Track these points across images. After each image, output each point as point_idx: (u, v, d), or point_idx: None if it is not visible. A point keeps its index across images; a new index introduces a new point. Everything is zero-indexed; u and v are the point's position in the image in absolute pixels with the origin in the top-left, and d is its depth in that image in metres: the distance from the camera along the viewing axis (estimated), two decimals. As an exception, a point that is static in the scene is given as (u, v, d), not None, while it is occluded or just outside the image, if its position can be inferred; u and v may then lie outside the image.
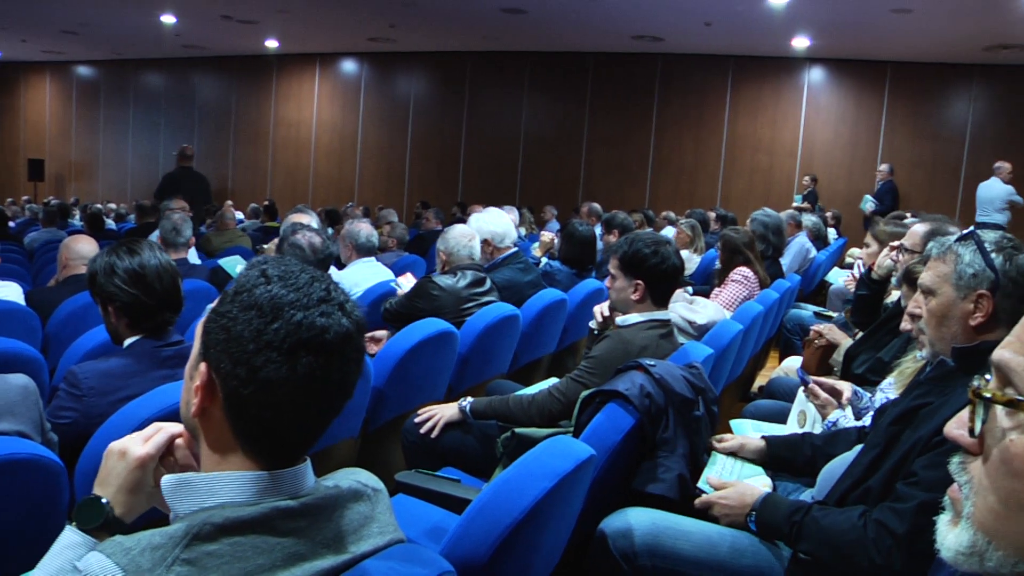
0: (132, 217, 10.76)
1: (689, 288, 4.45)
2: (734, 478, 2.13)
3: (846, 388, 2.59)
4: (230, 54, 15.84)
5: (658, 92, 13.15)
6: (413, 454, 2.73)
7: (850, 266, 7.01)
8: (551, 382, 2.83)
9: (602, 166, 13.55)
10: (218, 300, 1.05)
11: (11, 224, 9.36)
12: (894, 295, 3.41)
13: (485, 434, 2.67)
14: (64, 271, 3.85)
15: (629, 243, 2.70)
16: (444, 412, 2.71)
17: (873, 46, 11.06)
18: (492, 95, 14.31)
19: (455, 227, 3.92)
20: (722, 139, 12.84)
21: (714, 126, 12.87)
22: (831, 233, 9.56)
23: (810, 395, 2.57)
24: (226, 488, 1.00)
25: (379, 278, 4.35)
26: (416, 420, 2.72)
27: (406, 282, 4.16)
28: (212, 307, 1.05)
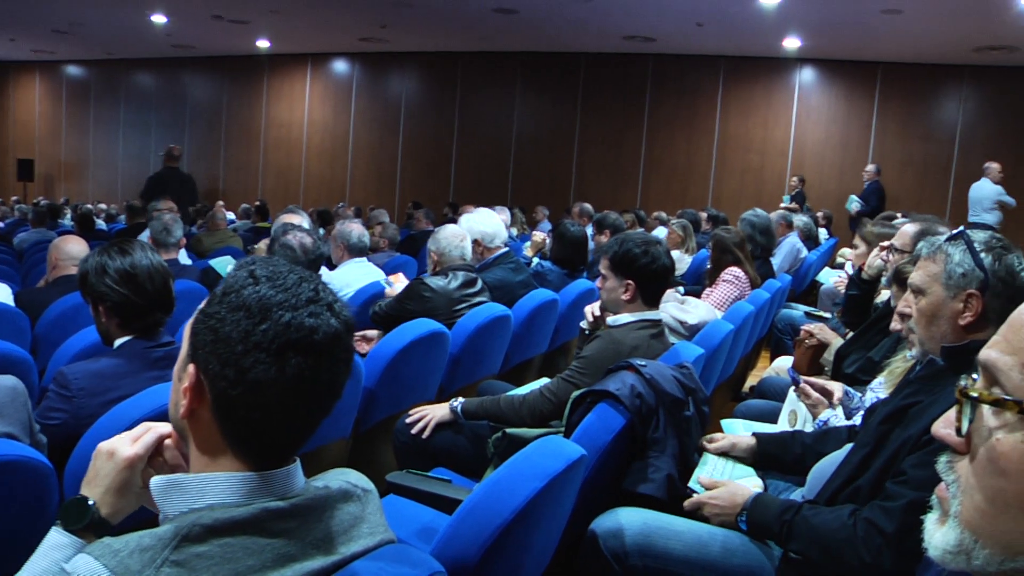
0: (123, 217, 10.72)
1: (680, 288, 4.46)
2: (725, 478, 2.13)
3: (837, 388, 2.59)
4: (221, 54, 15.80)
5: (650, 92, 13.17)
6: (404, 454, 2.72)
7: (841, 266, 7.04)
8: (542, 382, 2.83)
9: (594, 166, 13.56)
10: (206, 301, 1.04)
11: (0, 224, 9.32)
12: (884, 295, 3.42)
13: (476, 434, 2.67)
14: (54, 272, 3.83)
15: (620, 243, 2.70)
16: (435, 412, 2.71)
17: (864, 47, 11.10)
18: (484, 95, 14.31)
19: (446, 227, 3.90)
20: (713, 139, 12.87)
21: (706, 126, 12.90)
22: (822, 233, 9.59)
23: (801, 395, 2.58)
24: (215, 489, 1.00)
25: (370, 278, 4.34)
26: (407, 420, 2.72)
27: (397, 282, 4.15)
28: (200, 308, 1.05)
